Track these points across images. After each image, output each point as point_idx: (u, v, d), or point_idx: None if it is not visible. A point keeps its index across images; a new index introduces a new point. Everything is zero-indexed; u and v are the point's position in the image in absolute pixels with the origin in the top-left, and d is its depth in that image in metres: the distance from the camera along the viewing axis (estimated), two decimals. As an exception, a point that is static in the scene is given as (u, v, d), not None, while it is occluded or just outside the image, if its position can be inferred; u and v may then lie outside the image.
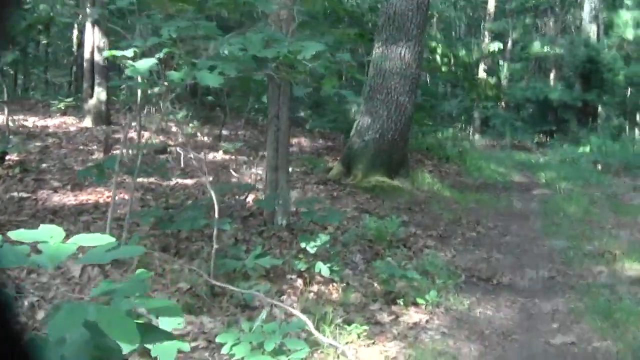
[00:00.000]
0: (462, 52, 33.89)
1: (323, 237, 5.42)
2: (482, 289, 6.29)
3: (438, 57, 13.28)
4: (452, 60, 14.27)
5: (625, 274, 6.87)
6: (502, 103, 29.76)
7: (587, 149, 18.59)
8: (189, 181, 9.45)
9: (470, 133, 28.77)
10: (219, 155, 11.61)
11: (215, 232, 5.24)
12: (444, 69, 13.90)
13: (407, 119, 10.09)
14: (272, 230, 6.75)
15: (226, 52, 4.77)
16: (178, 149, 11.64)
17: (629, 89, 25.40)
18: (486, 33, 30.27)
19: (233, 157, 11.52)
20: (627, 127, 25.49)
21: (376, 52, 10.21)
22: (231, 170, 10.14)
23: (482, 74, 30.37)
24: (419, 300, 5.51)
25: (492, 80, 25.03)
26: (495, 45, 29.81)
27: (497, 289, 6.37)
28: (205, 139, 13.35)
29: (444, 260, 6.71)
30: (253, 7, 6.12)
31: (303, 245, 5.58)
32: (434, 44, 13.42)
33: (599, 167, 16.66)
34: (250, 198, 7.67)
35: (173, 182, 9.33)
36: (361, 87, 11.60)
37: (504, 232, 8.52)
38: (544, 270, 6.92)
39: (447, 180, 12.03)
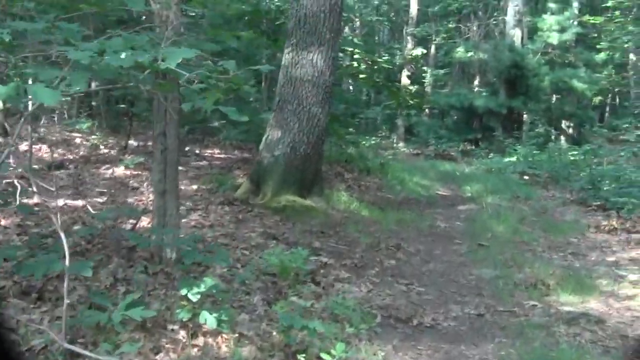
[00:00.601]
0: (384, 58, 33.47)
1: (208, 281, 4.39)
2: (401, 333, 5.37)
3: (356, 63, 12.39)
4: (372, 67, 13.43)
5: (561, 309, 6.06)
6: (427, 110, 29.28)
7: (514, 158, 18.04)
8: (80, 202, 8.32)
9: (395, 141, 28.20)
10: (120, 171, 10.50)
11: (66, 284, 4.16)
12: (362, 75, 12.98)
13: (321, 131, 9.15)
14: (159, 266, 5.71)
15: (72, 58, 3.72)
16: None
17: (554, 95, 25.14)
18: (409, 38, 29.75)
19: (137, 172, 10.46)
20: (552, 136, 25.21)
21: (286, 58, 9.24)
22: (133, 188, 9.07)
23: (405, 80, 29.84)
24: (324, 356, 4.55)
25: (413, 88, 24.41)
26: (418, 51, 29.33)
27: (417, 332, 5.47)
28: (109, 151, 12.21)
29: (357, 297, 5.78)
30: (121, 6, 5.05)
31: (184, 292, 4.54)
32: (351, 49, 12.57)
33: (526, 178, 16.08)
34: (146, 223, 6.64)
35: (61, 203, 8.17)
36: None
37: (426, 258, 7.64)
38: (470, 306, 6.06)
39: (368, 196, 11.17)
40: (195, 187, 9.64)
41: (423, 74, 30.14)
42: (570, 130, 25.83)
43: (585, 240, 9.47)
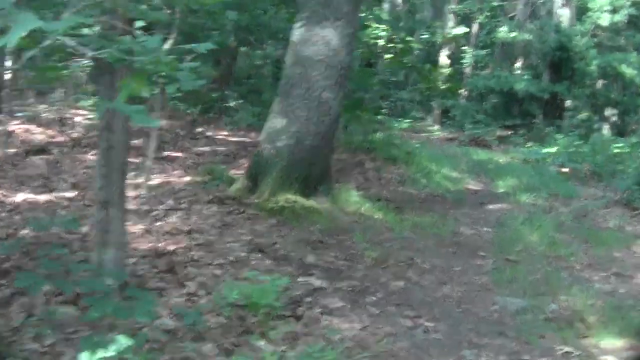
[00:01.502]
0: (424, 36, 32.01)
1: (123, 340, 3.23)
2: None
3: (382, 41, 11.14)
4: (401, 46, 12.14)
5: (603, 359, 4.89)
6: (465, 92, 27.86)
7: (554, 149, 16.65)
8: (43, 197, 7.30)
9: (430, 124, 26.86)
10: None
11: None
12: (388, 56, 11.66)
13: (332, 120, 7.96)
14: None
15: None
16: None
17: (600, 81, 23.59)
18: (450, 16, 28.27)
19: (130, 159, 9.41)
20: (595, 124, 23.71)
21: (295, 35, 8.03)
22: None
23: (444, 59, 28.39)
24: None
25: (447, 70, 22.94)
26: (460, 29, 27.84)
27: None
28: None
29: (347, 338, 4.64)
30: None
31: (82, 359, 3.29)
32: (376, 25, 11.33)
33: (566, 171, 14.74)
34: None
35: (21, 198, 7.18)
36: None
37: (442, 278, 6.44)
38: (489, 352, 4.87)
39: (386, 191, 10.01)
40: (188, 179, 8.57)
41: (463, 54, 28.67)
42: (615, 119, 24.28)
43: (631, 255, 8.22)
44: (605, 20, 21.77)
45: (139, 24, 3.91)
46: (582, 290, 6.36)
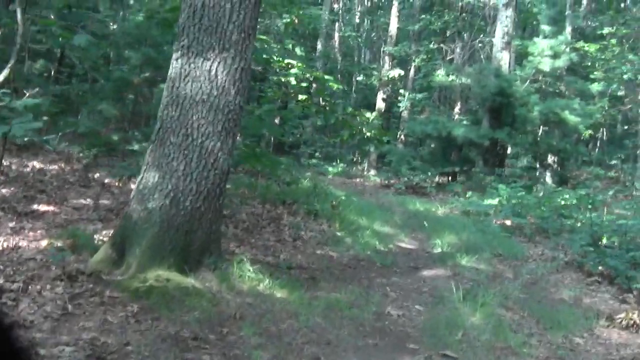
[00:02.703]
0: (359, 78, 30.83)
1: None
2: None
3: (293, 80, 9.40)
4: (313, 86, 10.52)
5: None
6: (402, 137, 26.62)
7: (495, 201, 15.24)
8: None
9: (365, 169, 25.47)
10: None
11: None
12: (302, 97, 9.94)
13: (220, 174, 6.22)
14: None
15: None
16: None
17: (541, 127, 22.51)
18: (386, 58, 27.10)
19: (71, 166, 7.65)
20: (537, 172, 22.57)
21: (174, 68, 6.32)
22: None
23: (380, 103, 27.12)
24: None
25: (373, 116, 21.43)
26: (396, 72, 26.66)
27: None
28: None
29: None
30: None
31: None
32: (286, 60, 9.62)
33: (508, 225, 13.30)
34: None
35: None
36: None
37: (357, 391, 4.78)
38: None
39: (301, 256, 8.34)
40: (44, 243, 6.74)
41: (400, 98, 27.46)
42: (555, 166, 23.20)
43: (595, 341, 6.67)
44: (546, 65, 20.70)
45: None
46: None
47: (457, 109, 24.59)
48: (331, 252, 8.88)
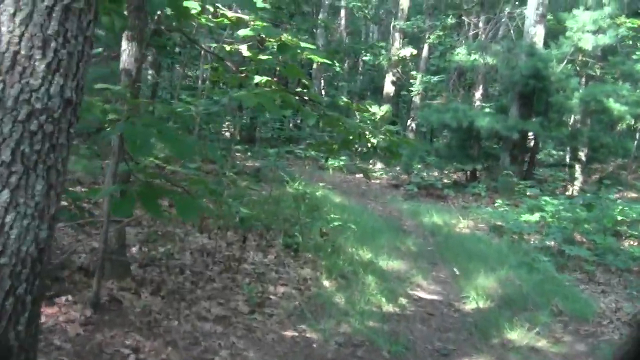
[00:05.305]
0: (366, 58, 27.27)
1: None
2: None
3: (245, 49, 5.79)
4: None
5: None
6: (412, 126, 23.21)
7: (536, 216, 11.77)
8: None
9: (371, 163, 22.03)
10: None
11: None
12: (260, 79, 6.04)
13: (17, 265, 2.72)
14: None
15: None
16: None
17: (572, 117, 18.98)
18: (396, 35, 23.59)
19: None
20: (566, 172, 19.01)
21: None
22: None
23: (388, 87, 23.66)
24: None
25: (380, 110, 17.85)
26: (407, 51, 23.16)
27: None
28: None
29: None
30: None
31: None
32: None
33: (561, 259, 9.86)
34: None
35: None
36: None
37: None
38: None
39: (254, 355, 4.95)
40: None
41: (412, 81, 23.93)
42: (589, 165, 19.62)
43: None
44: (588, 42, 17.09)
45: None
46: None
47: (478, 95, 21.08)
48: (310, 334, 5.47)
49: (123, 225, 5.03)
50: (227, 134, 18.18)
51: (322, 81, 26.24)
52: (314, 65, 23.33)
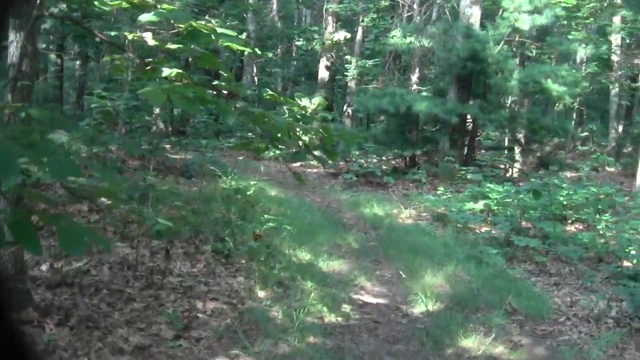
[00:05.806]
0: (299, 43, 26.60)
1: None
2: None
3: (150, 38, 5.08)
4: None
5: None
6: (348, 111, 22.65)
7: (480, 204, 11.31)
8: None
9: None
10: None
11: None
12: (170, 71, 5.08)
13: None
14: None
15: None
16: None
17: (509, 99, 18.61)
18: (329, 18, 22.95)
19: None
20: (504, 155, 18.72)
21: None
22: None
23: (323, 72, 23.06)
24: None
25: (312, 103, 17.40)
26: (341, 35, 22.57)
27: None
28: None
29: None
30: None
31: None
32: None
33: (507, 250, 9.37)
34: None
35: None
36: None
37: None
38: None
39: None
40: None
41: (347, 65, 23.30)
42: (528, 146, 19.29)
43: None
44: (525, 22, 16.72)
45: None
46: None
47: (414, 78, 20.58)
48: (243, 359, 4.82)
49: (20, 247, 4.28)
50: (160, 127, 17.31)
51: (255, 68, 25.45)
52: (245, 52, 22.57)
